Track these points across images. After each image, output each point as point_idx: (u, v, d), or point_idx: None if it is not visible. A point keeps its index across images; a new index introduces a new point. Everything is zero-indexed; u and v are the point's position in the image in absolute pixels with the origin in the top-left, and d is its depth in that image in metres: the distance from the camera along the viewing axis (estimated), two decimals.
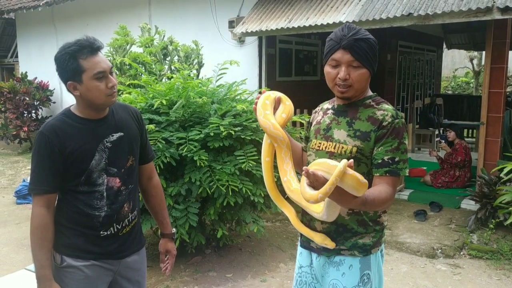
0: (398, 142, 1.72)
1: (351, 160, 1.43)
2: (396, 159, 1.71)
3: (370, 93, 1.84)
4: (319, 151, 1.85)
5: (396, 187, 1.74)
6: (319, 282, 1.93)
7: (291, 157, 1.87)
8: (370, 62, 1.73)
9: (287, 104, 1.93)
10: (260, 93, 1.96)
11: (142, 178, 2.15)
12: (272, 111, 1.89)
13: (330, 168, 1.43)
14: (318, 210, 1.66)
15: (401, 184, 6.17)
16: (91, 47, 1.77)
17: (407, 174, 1.77)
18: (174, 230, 2.28)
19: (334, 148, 1.79)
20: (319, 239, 1.83)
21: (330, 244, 1.80)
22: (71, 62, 1.76)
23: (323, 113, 1.94)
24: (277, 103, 1.91)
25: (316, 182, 1.44)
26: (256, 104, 1.89)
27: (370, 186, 1.76)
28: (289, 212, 1.98)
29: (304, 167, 1.46)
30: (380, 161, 1.71)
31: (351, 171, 1.42)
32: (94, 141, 1.85)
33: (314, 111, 2.05)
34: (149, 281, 3.78)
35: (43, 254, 1.81)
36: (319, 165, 1.48)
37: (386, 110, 1.76)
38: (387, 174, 1.70)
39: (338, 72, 1.74)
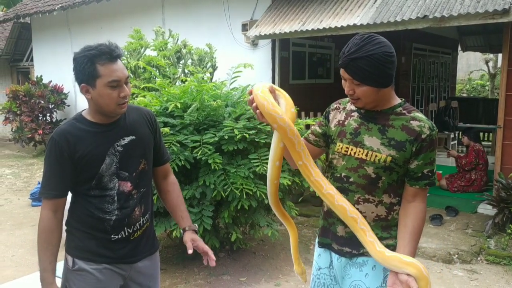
0: (434, 153, 1.74)
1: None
2: (434, 170, 1.76)
3: (397, 100, 1.78)
4: (347, 156, 1.79)
5: None
6: (338, 283, 1.91)
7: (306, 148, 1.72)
8: (373, 79, 1.64)
9: (287, 97, 1.73)
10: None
11: (158, 178, 2.14)
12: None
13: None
14: (378, 253, 1.69)
15: None
16: (110, 54, 1.75)
17: None
18: (196, 226, 2.13)
19: (366, 155, 1.74)
20: (299, 269, 1.95)
21: (303, 280, 1.95)
22: (88, 65, 1.74)
23: (347, 114, 1.86)
24: (272, 93, 1.70)
25: None
26: (251, 94, 1.68)
27: (400, 193, 1.80)
28: (292, 234, 1.96)
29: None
30: (420, 174, 1.74)
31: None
32: (104, 145, 1.84)
33: (333, 106, 1.94)
34: (163, 284, 3.78)
35: (47, 257, 1.82)
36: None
37: (421, 121, 1.72)
38: (427, 186, 1.75)
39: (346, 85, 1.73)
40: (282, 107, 1.69)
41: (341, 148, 1.82)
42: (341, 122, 1.87)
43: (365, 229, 1.70)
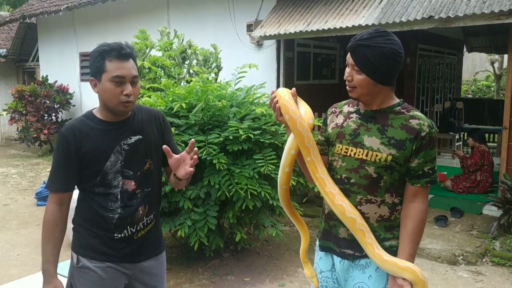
0: (434, 151, 1.74)
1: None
2: (435, 167, 1.76)
3: (396, 100, 1.80)
4: (347, 157, 1.79)
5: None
6: (340, 285, 1.90)
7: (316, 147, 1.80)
8: (372, 71, 1.67)
9: (309, 108, 1.87)
10: None
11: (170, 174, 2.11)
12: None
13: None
14: (377, 255, 1.73)
15: None
16: (118, 51, 1.80)
17: None
18: None
19: (366, 155, 1.75)
20: (309, 273, 1.95)
21: (315, 284, 1.92)
22: (98, 60, 1.81)
23: (345, 116, 1.87)
24: (294, 96, 1.83)
25: None
26: (273, 95, 1.80)
27: (402, 192, 1.79)
28: (304, 238, 2.01)
29: None
30: (421, 172, 1.74)
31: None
32: (110, 143, 1.87)
33: (330, 111, 1.97)
34: (167, 284, 3.78)
35: (49, 249, 1.86)
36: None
37: (420, 119, 1.73)
38: (428, 184, 1.75)
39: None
40: (302, 114, 1.78)
41: (341, 149, 1.82)
42: (339, 124, 1.87)
43: (364, 230, 1.71)
